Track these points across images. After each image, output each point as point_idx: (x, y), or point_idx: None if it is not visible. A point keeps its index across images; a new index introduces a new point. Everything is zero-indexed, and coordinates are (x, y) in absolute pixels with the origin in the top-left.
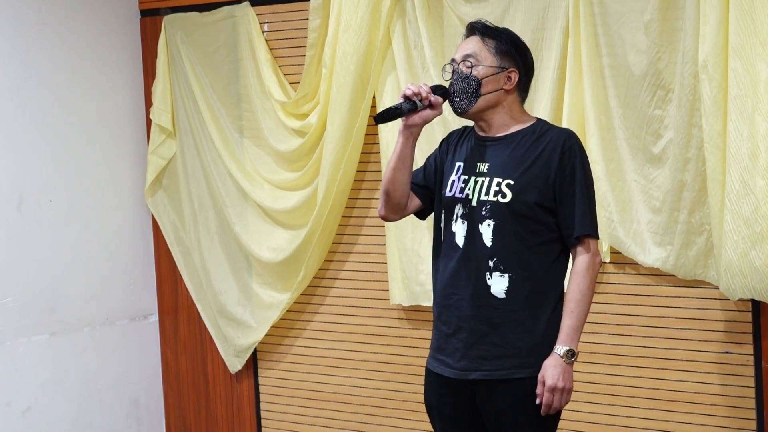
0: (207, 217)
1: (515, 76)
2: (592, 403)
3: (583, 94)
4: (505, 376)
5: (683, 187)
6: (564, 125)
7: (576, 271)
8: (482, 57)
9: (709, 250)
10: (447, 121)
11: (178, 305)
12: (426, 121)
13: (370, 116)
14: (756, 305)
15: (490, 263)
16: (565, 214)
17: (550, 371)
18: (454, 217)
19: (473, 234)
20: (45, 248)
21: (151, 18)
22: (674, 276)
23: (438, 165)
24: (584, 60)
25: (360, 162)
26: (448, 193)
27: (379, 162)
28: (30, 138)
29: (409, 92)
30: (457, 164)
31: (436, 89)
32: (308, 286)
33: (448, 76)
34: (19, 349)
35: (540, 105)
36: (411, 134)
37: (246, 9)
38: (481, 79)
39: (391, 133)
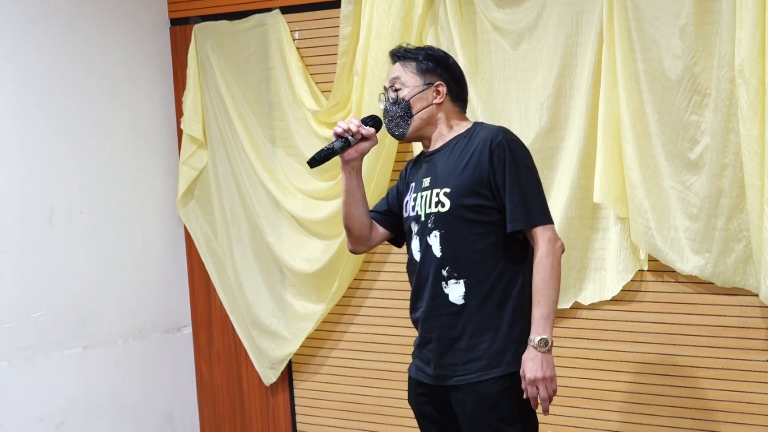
0: (240, 227)
1: (443, 89)
2: (630, 413)
3: (618, 100)
4: (475, 379)
5: (721, 193)
6: (599, 131)
7: (536, 261)
8: (406, 79)
9: (748, 257)
10: None
11: (211, 317)
12: (363, 154)
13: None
14: None
15: (444, 272)
16: (506, 210)
17: (529, 364)
18: (412, 235)
19: (425, 247)
20: (76, 261)
21: (181, 27)
22: (713, 284)
23: (399, 191)
24: (619, 65)
25: (393, 170)
26: (404, 214)
27: None
28: (60, 150)
29: (339, 130)
30: (411, 185)
31: (368, 120)
32: (343, 296)
33: (383, 105)
34: (52, 364)
35: (575, 111)
36: (352, 168)
37: (276, 17)
38: (409, 100)
39: None
